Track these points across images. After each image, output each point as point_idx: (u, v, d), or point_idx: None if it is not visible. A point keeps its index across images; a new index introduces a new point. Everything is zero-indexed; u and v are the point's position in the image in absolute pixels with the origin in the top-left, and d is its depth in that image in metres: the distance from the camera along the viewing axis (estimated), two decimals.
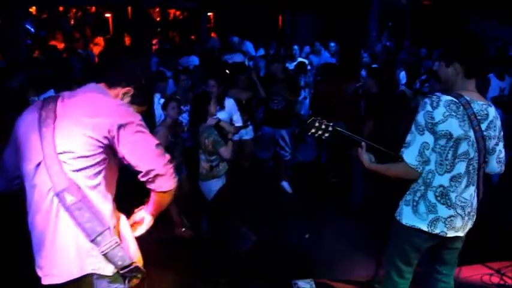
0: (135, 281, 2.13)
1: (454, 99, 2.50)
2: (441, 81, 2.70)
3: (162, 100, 5.50)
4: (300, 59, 8.91)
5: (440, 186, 2.58)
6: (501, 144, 2.68)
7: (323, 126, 2.78)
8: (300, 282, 3.99)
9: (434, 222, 2.60)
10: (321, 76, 7.30)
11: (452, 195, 2.58)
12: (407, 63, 8.38)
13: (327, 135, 2.78)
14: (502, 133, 2.68)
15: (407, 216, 2.68)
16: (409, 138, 2.57)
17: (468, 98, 2.52)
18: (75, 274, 2.00)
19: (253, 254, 4.41)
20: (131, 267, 2.06)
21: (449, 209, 2.59)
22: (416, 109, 2.57)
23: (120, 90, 2.19)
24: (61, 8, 14.18)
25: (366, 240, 4.51)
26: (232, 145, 4.67)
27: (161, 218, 5.11)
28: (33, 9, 13.29)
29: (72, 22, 14.35)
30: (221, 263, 4.30)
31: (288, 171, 6.52)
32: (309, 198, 5.87)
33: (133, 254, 2.13)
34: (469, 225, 2.71)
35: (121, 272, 2.04)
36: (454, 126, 2.48)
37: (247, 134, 6.01)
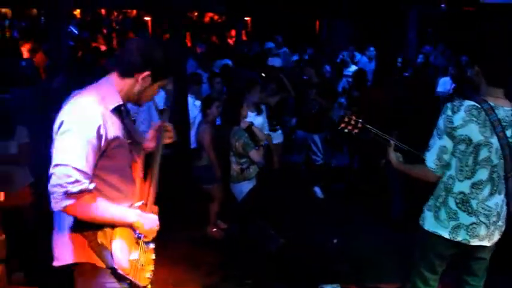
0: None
1: (476, 105, 2.46)
2: (474, 87, 2.67)
3: (198, 102, 5.60)
4: (353, 66, 8.89)
5: (461, 193, 2.54)
6: None
7: (352, 122, 2.82)
8: (327, 287, 3.98)
9: (456, 229, 2.56)
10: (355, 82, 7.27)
11: (473, 202, 2.54)
12: (454, 73, 8.19)
13: (356, 131, 2.80)
14: None
15: (429, 222, 2.65)
16: (430, 141, 2.58)
17: (492, 104, 2.47)
18: (69, 260, 2.10)
19: (280, 256, 4.42)
20: (115, 271, 2.08)
21: (471, 216, 2.54)
22: None
23: (139, 78, 2.13)
24: (103, 11, 14.60)
25: (396, 248, 4.45)
26: (262, 149, 4.72)
27: (192, 218, 5.26)
28: (77, 12, 13.74)
29: (113, 25, 14.75)
30: (248, 264, 4.33)
31: (320, 176, 6.50)
32: (340, 204, 5.83)
33: (118, 261, 2.08)
34: (496, 236, 2.64)
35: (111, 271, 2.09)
36: (474, 132, 2.44)
37: (277, 138, 6.03)
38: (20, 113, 4.34)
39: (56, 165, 1.92)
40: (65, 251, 2.11)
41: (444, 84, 7.96)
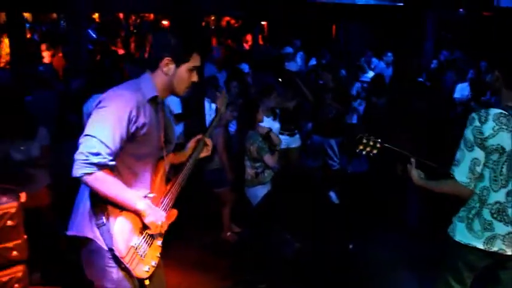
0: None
1: (504, 112, 2.42)
2: (493, 91, 2.64)
3: (214, 105, 5.61)
4: (370, 72, 8.84)
5: (497, 202, 2.49)
6: None
7: (371, 143, 2.77)
8: None
9: (491, 240, 2.50)
10: (372, 88, 7.23)
11: (510, 211, 2.49)
12: (472, 78, 8.09)
13: (375, 152, 2.76)
14: None
15: (461, 233, 2.59)
16: (458, 155, 2.51)
17: None
18: (76, 232, 2.20)
19: (295, 261, 4.41)
20: (111, 252, 2.14)
21: (507, 226, 2.49)
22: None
23: (162, 66, 2.24)
24: (121, 15, 14.74)
25: (412, 255, 4.41)
26: (277, 154, 4.71)
27: (204, 222, 5.27)
28: (96, 16, 13.89)
29: (131, 28, 14.89)
30: (262, 268, 4.32)
31: (336, 181, 6.47)
32: (356, 210, 5.80)
33: (116, 243, 2.14)
34: None
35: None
36: (506, 140, 2.40)
37: (294, 142, 6.02)
38: (40, 115, 4.41)
39: (86, 135, 2.06)
40: (75, 221, 2.22)
41: (462, 90, 7.85)
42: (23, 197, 2.49)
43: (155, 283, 2.36)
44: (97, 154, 2.03)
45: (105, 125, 2.07)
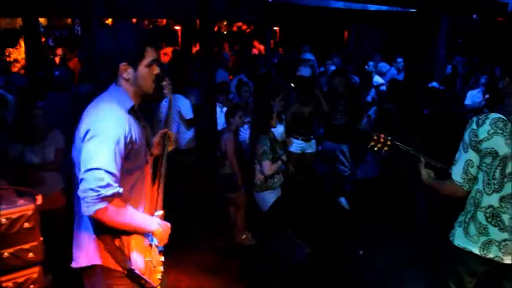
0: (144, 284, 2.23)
1: (502, 117, 2.44)
2: (501, 99, 2.65)
3: (225, 108, 5.66)
4: (376, 77, 8.84)
5: (490, 206, 2.51)
6: None
7: (381, 140, 2.82)
8: None
9: (487, 245, 2.52)
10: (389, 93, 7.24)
11: (505, 217, 2.49)
12: (487, 84, 8.05)
13: (386, 149, 2.81)
14: None
15: (459, 238, 2.63)
16: (456, 155, 2.58)
17: None
18: (84, 263, 2.18)
19: (306, 266, 4.42)
20: (131, 272, 2.16)
21: (503, 232, 2.50)
22: None
23: (121, 74, 2.13)
24: (134, 20, 14.87)
25: (420, 261, 4.40)
26: (280, 164, 4.73)
27: (216, 227, 5.30)
28: (109, 21, 14.04)
29: None
30: (273, 273, 4.34)
31: (347, 187, 6.47)
32: (366, 215, 5.79)
33: (135, 262, 2.19)
34: None
35: (125, 273, 2.16)
36: (500, 144, 2.42)
37: (310, 147, 6.04)
38: (54, 118, 4.48)
39: (88, 170, 1.95)
40: (82, 253, 2.19)
41: (472, 97, 7.78)
42: (39, 199, 2.53)
43: (162, 286, 2.42)
44: (107, 186, 1.96)
45: (105, 153, 1.97)
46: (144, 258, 2.24)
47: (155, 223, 2.25)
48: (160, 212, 2.37)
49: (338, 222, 5.63)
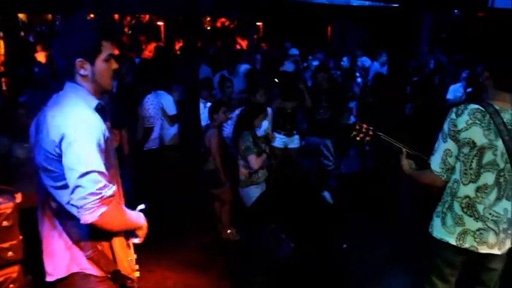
0: (129, 285, 2.19)
1: (481, 108, 2.47)
2: (481, 92, 2.68)
3: (209, 104, 5.64)
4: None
5: (466, 196, 2.54)
6: None
7: (364, 130, 2.83)
8: None
9: (463, 235, 2.55)
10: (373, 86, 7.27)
11: (480, 207, 2.52)
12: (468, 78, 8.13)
13: (368, 139, 2.82)
14: None
15: (437, 229, 2.65)
16: (435, 145, 2.60)
17: (498, 107, 2.47)
18: (63, 274, 2.08)
19: (290, 260, 4.43)
20: (116, 273, 2.11)
21: (477, 221, 2.53)
22: None
23: (78, 71, 2.03)
24: (116, 16, 14.74)
25: (405, 253, 4.44)
26: (265, 157, 4.73)
27: (201, 223, 5.28)
28: (92, 17, 13.88)
29: (126, 30, 14.88)
30: (258, 268, 4.34)
31: (331, 181, 6.49)
32: (350, 209, 5.83)
33: (120, 262, 2.14)
34: (508, 244, 2.60)
35: (109, 276, 2.11)
36: (478, 135, 2.45)
37: (293, 142, 6.04)
38: (34, 115, 4.40)
39: (81, 175, 1.85)
40: (57, 264, 2.09)
41: (454, 91, 7.86)
42: (18, 197, 2.50)
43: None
44: (106, 186, 1.88)
45: (92, 154, 1.89)
46: (127, 258, 2.20)
47: (142, 218, 2.22)
48: (142, 206, 2.31)
49: (322, 216, 5.66)
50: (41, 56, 9.55)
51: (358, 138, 2.87)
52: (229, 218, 5.10)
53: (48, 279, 2.12)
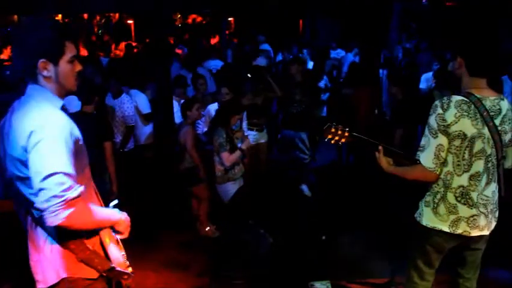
0: (124, 282, 2.17)
1: (465, 99, 2.48)
2: (454, 78, 2.69)
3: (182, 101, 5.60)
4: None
5: (460, 186, 2.56)
6: None
7: (339, 132, 2.78)
8: (317, 284, 4.00)
9: (456, 222, 2.58)
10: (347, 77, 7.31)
11: (474, 195, 2.56)
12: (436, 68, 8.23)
13: (343, 140, 2.78)
14: None
15: (427, 218, 2.66)
16: (423, 141, 2.58)
17: (479, 96, 2.50)
18: (54, 280, 2.03)
19: (270, 255, 4.44)
20: (112, 270, 2.08)
21: (471, 209, 2.57)
22: None
23: (40, 72, 1.97)
24: (85, 16, 14.50)
25: (383, 243, 4.49)
26: (239, 154, 4.71)
27: (179, 221, 5.24)
28: (59, 17, 13.62)
29: (95, 29, 14.65)
30: (238, 264, 4.34)
31: (310, 175, 6.51)
32: (327, 201, 5.86)
33: (116, 258, 2.12)
34: (493, 223, 2.67)
35: (104, 274, 2.08)
36: (467, 126, 2.47)
37: (263, 137, 6.04)
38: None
39: (45, 178, 1.79)
40: (46, 271, 2.04)
41: (426, 81, 7.96)
42: None
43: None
44: (71, 188, 1.82)
45: (58, 155, 1.83)
46: (120, 254, 2.17)
47: (117, 213, 2.18)
48: (116, 201, 2.27)
49: (300, 209, 5.69)
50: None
51: (332, 142, 2.80)
52: (206, 215, 5.08)
53: (40, 286, 2.07)
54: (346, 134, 2.76)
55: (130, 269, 2.23)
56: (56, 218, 1.80)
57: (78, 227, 1.93)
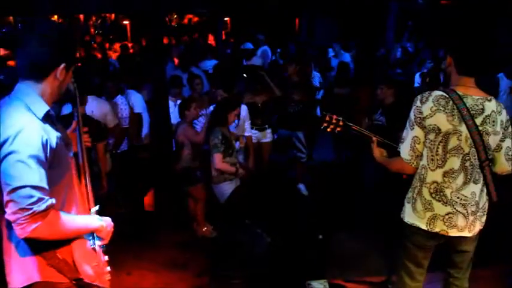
0: None
1: (444, 94, 2.51)
2: (445, 78, 2.73)
3: (179, 102, 5.60)
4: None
5: (434, 182, 2.58)
6: (508, 141, 2.60)
7: (334, 121, 2.86)
8: (314, 283, 4.01)
9: (433, 220, 2.59)
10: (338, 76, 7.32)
11: (448, 191, 2.57)
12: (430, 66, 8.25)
13: (338, 129, 2.85)
14: (510, 129, 2.60)
15: (408, 214, 2.69)
16: (403, 133, 2.64)
17: (460, 93, 2.51)
18: (24, 283, 2.01)
19: (267, 255, 4.44)
20: (81, 281, 2.07)
21: (446, 206, 2.57)
22: None
23: (56, 74, 1.96)
24: (81, 16, 14.48)
25: (380, 241, 4.49)
26: (235, 156, 4.72)
27: (177, 221, 5.24)
28: (55, 18, 13.60)
29: (91, 30, 14.64)
30: (235, 263, 4.34)
31: (306, 175, 6.52)
32: (324, 200, 5.87)
33: (83, 271, 2.09)
34: (478, 226, 2.65)
35: (73, 282, 2.07)
36: (442, 121, 2.49)
37: (265, 137, 6.04)
38: None
39: (13, 190, 1.78)
40: (17, 274, 2.02)
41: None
42: None
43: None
44: (39, 201, 1.79)
45: (27, 168, 1.80)
46: (91, 265, 2.13)
47: (96, 220, 2.13)
48: (96, 208, 2.22)
49: (297, 209, 5.69)
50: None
51: (329, 130, 2.90)
52: (203, 215, 5.08)
53: (11, 287, 2.06)
54: (341, 123, 2.85)
55: (108, 277, 2.22)
56: (23, 230, 1.81)
57: (48, 238, 1.91)
